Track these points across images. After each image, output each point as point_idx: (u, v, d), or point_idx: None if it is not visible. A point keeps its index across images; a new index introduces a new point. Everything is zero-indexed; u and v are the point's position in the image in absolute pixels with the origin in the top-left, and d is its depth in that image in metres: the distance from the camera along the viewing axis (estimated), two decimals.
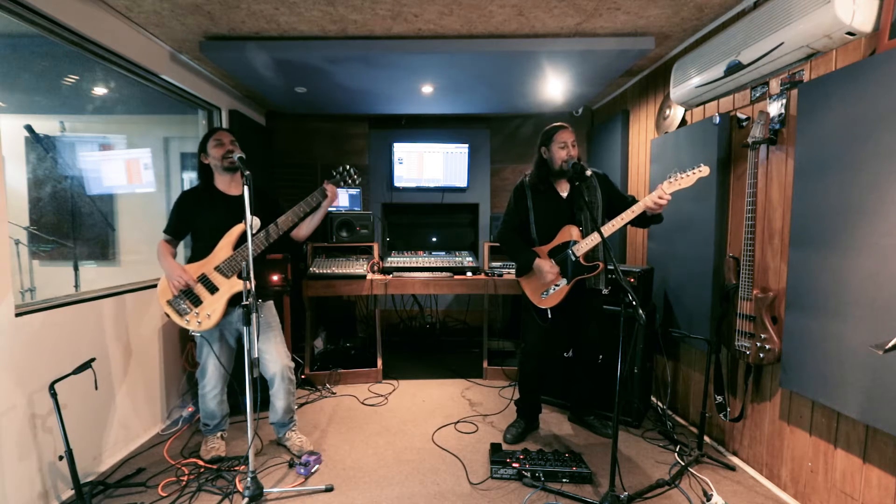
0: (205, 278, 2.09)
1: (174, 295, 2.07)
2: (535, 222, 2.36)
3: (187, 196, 2.21)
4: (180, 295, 2.06)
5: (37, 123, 2.59)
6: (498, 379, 3.44)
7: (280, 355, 2.25)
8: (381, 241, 3.89)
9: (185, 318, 2.07)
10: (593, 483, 2.09)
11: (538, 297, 2.36)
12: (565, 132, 2.29)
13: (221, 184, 2.21)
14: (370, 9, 2.23)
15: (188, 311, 2.07)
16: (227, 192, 2.21)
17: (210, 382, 2.24)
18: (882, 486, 1.59)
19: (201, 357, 2.23)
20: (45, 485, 1.89)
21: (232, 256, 2.09)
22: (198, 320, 2.07)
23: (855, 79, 1.62)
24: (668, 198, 2.07)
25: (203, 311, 2.07)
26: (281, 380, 2.24)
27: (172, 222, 2.18)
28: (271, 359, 2.22)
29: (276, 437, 2.44)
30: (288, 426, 2.38)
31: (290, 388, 2.31)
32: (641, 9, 2.24)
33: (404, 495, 2.01)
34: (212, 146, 2.15)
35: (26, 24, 1.86)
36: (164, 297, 2.08)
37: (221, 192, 2.20)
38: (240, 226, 2.11)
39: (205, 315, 2.07)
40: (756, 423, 2.18)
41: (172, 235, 2.18)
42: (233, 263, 2.09)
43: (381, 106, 3.78)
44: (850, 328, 1.63)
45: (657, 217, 2.22)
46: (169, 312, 2.08)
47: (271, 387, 2.28)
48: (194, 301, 2.08)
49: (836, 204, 1.69)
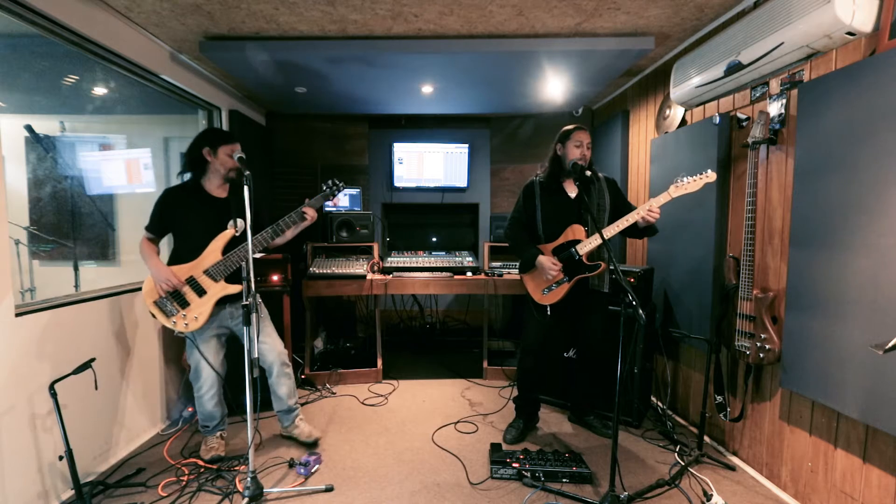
0: (193, 281, 2.08)
1: (160, 296, 2.06)
2: (542, 220, 2.38)
3: (171, 194, 2.17)
4: (167, 296, 2.06)
5: (37, 123, 2.59)
6: (498, 379, 3.44)
7: (275, 343, 2.30)
8: (381, 241, 3.89)
9: (172, 319, 2.07)
10: (593, 483, 2.09)
11: (539, 293, 2.38)
12: (583, 133, 2.32)
13: (211, 185, 2.18)
14: (370, 9, 2.23)
15: (175, 313, 2.08)
16: (214, 193, 2.19)
17: (206, 384, 2.23)
18: (882, 486, 1.59)
19: (192, 359, 2.23)
20: (45, 485, 1.89)
21: (221, 261, 2.09)
22: (185, 322, 2.08)
23: (855, 79, 1.62)
24: (658, 213, 2.15)
25: (190, 314, 2.08)
26: (280, 366, 2.30)
27: (155, 220, 2.14)
28: (268, 348, 2.27)
29: (283, 427, 2.45)
30: (294, 412, 2.41)
31: (289, 372, 2.37)
32: (641, 9, 2.24)
33: (404, 495, 2.01)
34: (226, 152, 2.13)
35: (26, 24, 1.86)
36: (151, 297, 2.07)
37: (208, 194, 2.18)
38: (229, 231, 2.12)
39: (192, 317, 2.08)
40: (756, 423, 2.18)
41: (155, 234, 2.15)
42: (222, 268, 2.10)
43: (381, 106, 3.78)
44: (850, 328, 1.63)
45: (650, 229, 2.27)
46: (155, 313, 2.08)
47: (270, 376, 2.32)
48: (181, 303, 2.08)
49: (836, 204, 1.69)
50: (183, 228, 2.15)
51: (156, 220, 2.14)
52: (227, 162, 2.14)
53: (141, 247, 2.12)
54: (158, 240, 2.18)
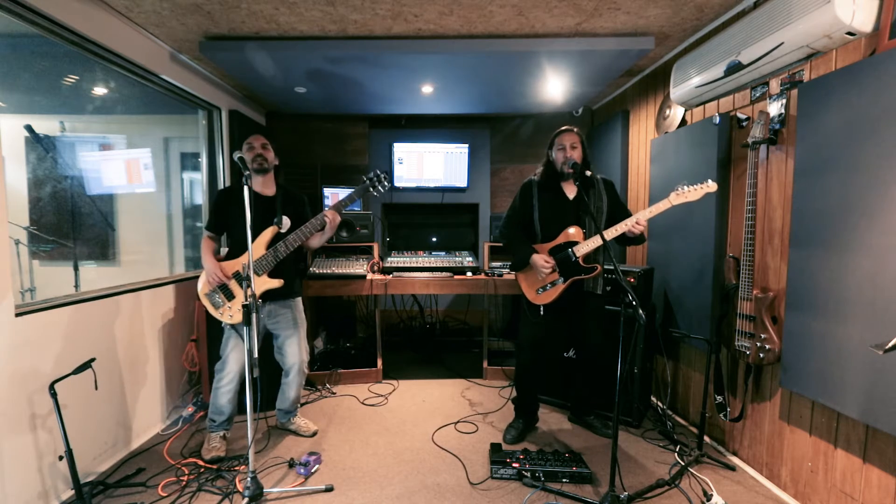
0: (238, 275, 2.24)
1: (210, 289, 2.23)
2: (540, 220, 2.38)
3: (221, 194, 2.39)
4: (216, 289, 2.23)
5: (37, 123, 2.59)
6: (498, 379, 3.44)
7: (302, 351, 2.45)
8: (381, 241, 3.89)
9: (220, 310, 2.25)
10: (593, 483, 2.09)
11: (533, 292, 2.38)
12: (566, 135, 2.32)
13: (256, 184, 2.33)
14: (370, 9, 2.23)
15: (222, 304, 2.25)
16: (260, 192, 2.33)
17: (227, 376, 2.29)
18: (882, 486, 1.59)
19: (225, 350, 2.31)
20: (45, 485, 1.89)
21: (263, 256, 2.22)
22: (230, 313, 2.24)
23: (855, 79, 1.62)
24: (643, 225, 2.17)
25: (235, 306, 2.24)
26: (297, 373, 2.45)
27: (212, 219, 2.35)
28: (294, 351, 2.41)
29: (279, 422, 2.60)
30: (293, 413, 2.58)
31: (302, 382, 2.52)
32: (641, 9, 2.24)
33: (404, 495, 2.01)
34: (245, 150, 2.30)
35: (26, 24, 1.86)
36: (203, 290, 2.27)
37: (254, 193, 2.28)
38: (272, 228, 2.25)
39: (236, 309, 2.23)
40: (756, 423, 2.18)
41: (213, 231, 2.35)
42: (263, 262, 2.22)
43: (381, 106, 3.78)
44: (850, 328, 1.63)
45: (637, 239, 2.26)
46: (206, 304, 2.26)
47: (286, 376, 2.47)
48: (228, 296, 2.25)
49: (835, 204, 1.69)
50: (231, 226, 2.33)
51: (212, 219, 2.35)
52: (247, 157, 2.28)
53: (201, 244, 2.33)
54: (218, 237, 2.38)
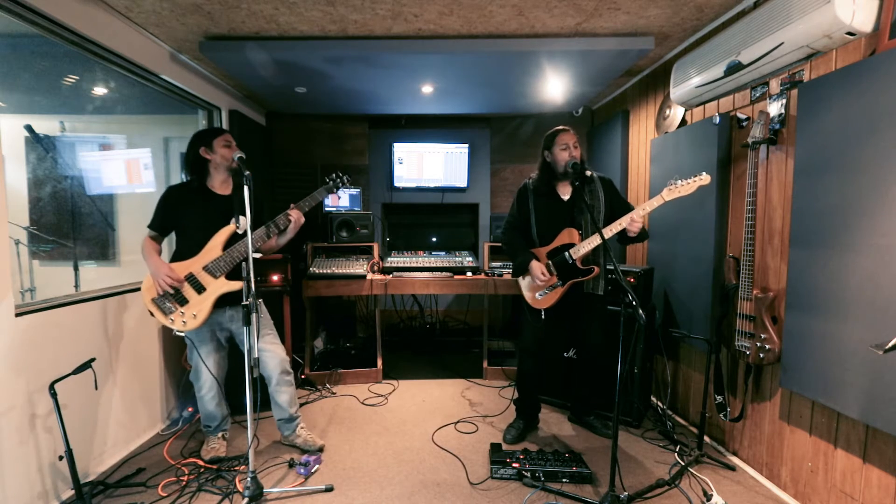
0: (192, 278, 2.06)
1: (159, 294, 2.04)
2: (536, 224, 2.37)
3: (174, 191, 2.17)
4: (165, 294, 2.04)
5: (37, 123, 2.59)
6: (498, 379, 3.44)
7: (276, 350, 2.27)
8: (381, 241, 3.89)
9: (170, 316, 2.04)
10: (593, 483, 2.09)
11: (533, 297, 2.38)
12: (566, 134, 2.30)
13: (215, 182, 2.18)
14: (370, 9, 2.23)
15: (173, 311, 2.05)
16: (218, 191, 2.19)
17: (206, 384, 2.23)
18: (882, 486, 1.59)
19: (192, 359, 2.21)
20: (45, 485, 1.89)
21: (221, 256, 2.07)
22: (182, 320, 2.04)
23: (855, 79, 1.62)
24: (639, 223, 2.15)
25: (189, 311, 2.05)
26: (280, 374, 2.26)
27: (158, 218, 2.13)
28: (269, 356, 2.24)
29: (284, 436, 2.40)
30: (295, 421, 2.37)
31: (290, 380, 2.33)
32: (641, 9, 2.24)
33: (404, 495, 2.01)
34: (221, 145, 2.13)
35: (26, 24, 1.86)
36: (149, 295, 2.05)
37: (211, 191, 2.17)
38: (230, 227, 2.09)
39: (190, 315, 2.05)
40: (756, 423, 2.18)
41: (158, 231, 2.14)
42: (222, 263, 2.07)
43: (382, 106, 3.77)
44: (850, 328, 1.63)
45: (639, 237, 2.23)
46: (153, 311, 2.05)
47: (270, 384, 2.28)
48: (180, 300, 2.05)
49: (836, 204, 1.69)
50: (185, 226, 2.14)
51: (158, 218, 2.13)
52: (226, 153, 2.13)
53: (142, 245, 2.10)
54: (161, 238, 2.17)
